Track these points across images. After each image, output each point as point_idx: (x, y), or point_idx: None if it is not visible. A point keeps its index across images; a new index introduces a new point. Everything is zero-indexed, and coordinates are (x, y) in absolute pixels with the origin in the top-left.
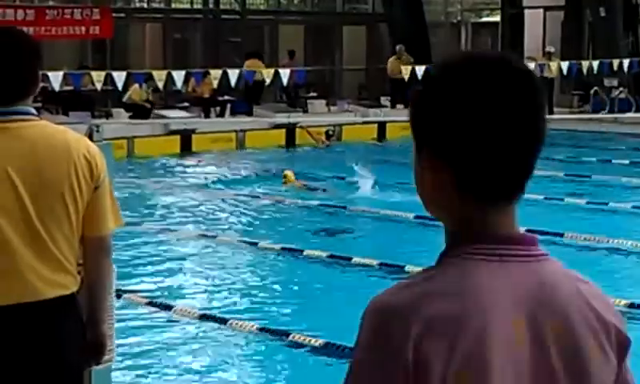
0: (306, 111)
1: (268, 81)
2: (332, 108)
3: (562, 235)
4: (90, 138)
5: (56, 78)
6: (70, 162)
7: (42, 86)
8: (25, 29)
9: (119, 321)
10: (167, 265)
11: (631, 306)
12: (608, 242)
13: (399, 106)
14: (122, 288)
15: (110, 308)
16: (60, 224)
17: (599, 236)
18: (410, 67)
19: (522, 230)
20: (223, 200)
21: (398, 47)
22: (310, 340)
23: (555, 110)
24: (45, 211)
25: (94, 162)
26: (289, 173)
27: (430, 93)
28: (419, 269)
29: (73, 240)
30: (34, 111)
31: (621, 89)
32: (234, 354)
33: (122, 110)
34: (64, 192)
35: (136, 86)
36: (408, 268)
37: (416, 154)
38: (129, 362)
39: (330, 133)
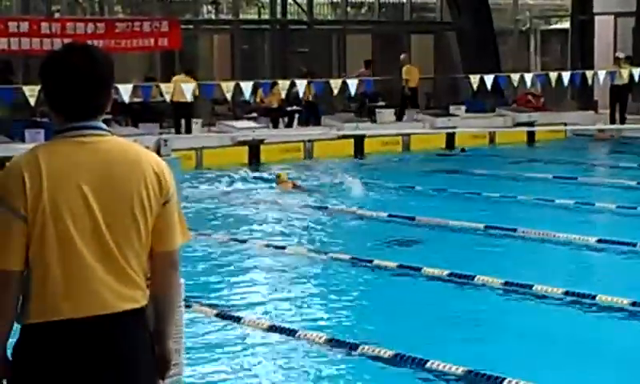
0: (374, 121)
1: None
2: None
3: (634, 245)
4: (158, 151)
5: (125, 90)
6: (141, 177)
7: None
8: (95, 42)
9: (188, 333)
10: (236, 275)
11: None
12: None
13: (469, 114)
14: (191, 299)
15: (177, 322)
16: (130, 238)
17: None
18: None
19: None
20: (292, 210)
21: (402, 56)
22: (379, 351)
23: (628, 117)
24: (116, 226)
25: (162, 177)
26: (282, 174)
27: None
28: (489, 278)
29: (142, 255)
30: (106, 127)
31: None
32: (303, 365)
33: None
34: (134, 207)
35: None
36: (478, 278)
37: None
38: (198, 375)
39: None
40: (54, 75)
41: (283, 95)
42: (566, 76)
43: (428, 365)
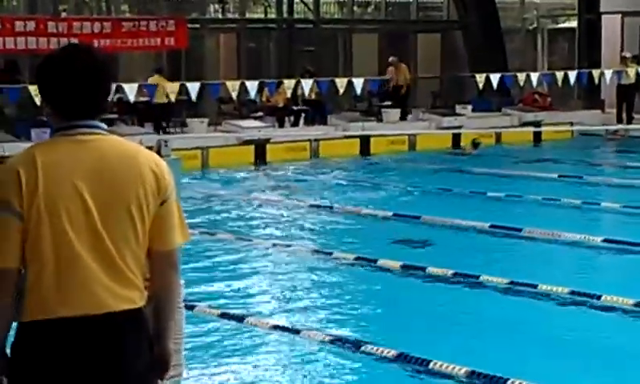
0: (380, 120)
1: (172, 97)
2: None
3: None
4: (159, 152)
5: (131, 89)
6: (138, 175)
7: (118, 96)
8: (102, 41)
9: (191, 333)
10: (240, 274)
11: None
12: None
13: (475, 113)
14: (194, 298)
15: (177, 323)
16: (127, 238)
17: None
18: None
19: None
20: (297, 209)
21: (390, 59)
22: (382, 351)
23: (635, 116)
24: (113, 225)
25: (161, 176)
26: None
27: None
28: (495, 278)
29: (140, 254)
30: (104, 126)
31: None
32: (307, 364)
33: (195, 120)
34: (131, 206)
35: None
36: (482, 277)
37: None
38: (200, 374)
39: (477, 141)
40: (53, 75)
41: (289, 94)
42: (572, 75)
43: (432, 365)
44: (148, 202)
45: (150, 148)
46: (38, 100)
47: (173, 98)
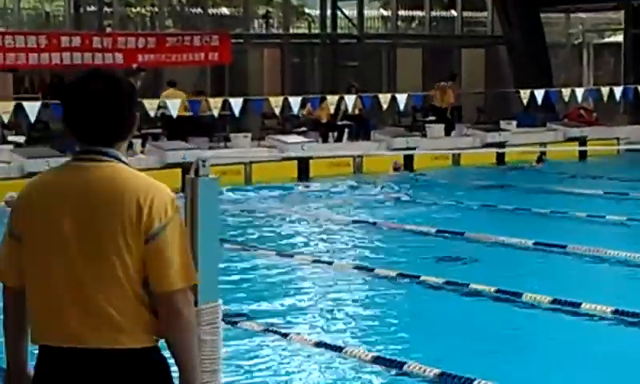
0: (424, 135)
1: (215, 112)
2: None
3: None
4: (197, 172)
5: (174, 105)
6: (120, 210)
7: (162, 111)
8: (146, 56)
9: (234, 348)
10: (283, 291)
11: None
12: None
13: (520, 129)
14: (238, 313)
15: (213, 343)
16: (108, 275)
17: None
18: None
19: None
20: (340, 225)
21: (442, 83)
22: (425, 369)
23: None
24: (93, 260)
25: (146, 213)
26: None
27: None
28: (538, 296)
29: (129, 292)
30: (114, 153)
31: None
32: (349, 382)
33: (239, 135)
34: (113, 241)
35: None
36: (525, 296)
37: None
38: None
39: (542, 156)
40: (67, 98)
41: (332, 109)
42: (618, 90)
43: None
44: (126, 238)
45: (189, 166)
46: None
47: (216, 113)
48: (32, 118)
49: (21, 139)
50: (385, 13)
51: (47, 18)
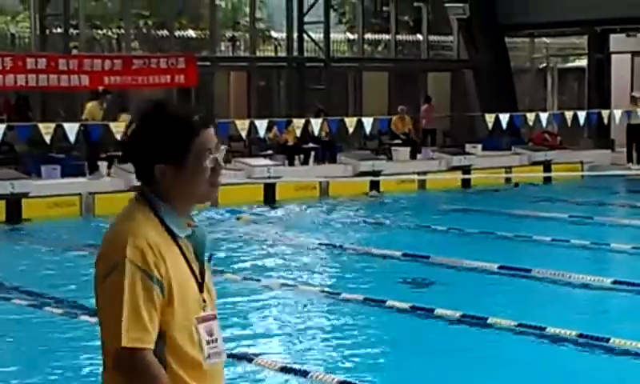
0: (390, 159)
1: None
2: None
3: None
4: None
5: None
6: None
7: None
8: (112, 78)
9: None
10: (248, 315)
11: None
12: None
13: (485, 152)
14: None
15: None
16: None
17: None
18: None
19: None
20: (306, 249)
21: (400, 108)
22: None
23: None
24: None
25: (97, 259)
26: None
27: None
28: (503, 320)
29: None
30: (142, 194)
31: None
32: None
33: None
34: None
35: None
36: (491, 320)
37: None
38: None
39: (517, 183)
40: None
41: (299, 133)
42: (582, 115)
43: None
44: (95, 283)
45: None
46: (47, 138)
47: None
48: None
49: None
50: (351, 36)
51: (13, 39)
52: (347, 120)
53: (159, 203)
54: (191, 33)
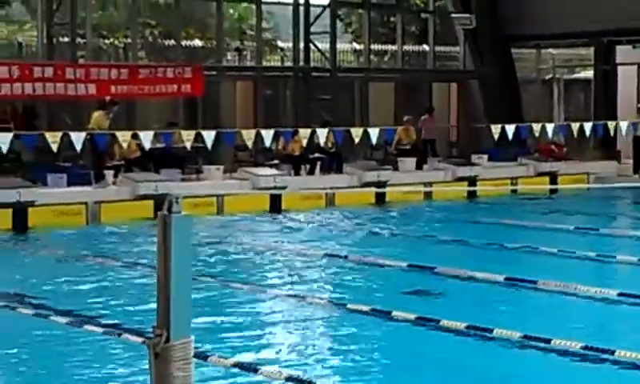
0: (396, 169)
1: (187, 145)
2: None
3: None
4: (169, 209)
5: (147, 136)
6: None
7: (136, 143)
8: (118, 87)
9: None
10: (253, 325)
11: None
12: None
13: (491, 163)
14: (208, 349)
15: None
16: None
17: None
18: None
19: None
20: (311, 259)
21: (406, 118)
22: None
23: None
24: None
25: None
26: None
27: None
28: (508, 332)
29: None
30: None
31: None
32: None
33: (211, 167)
34: None
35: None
36: (496, 331)
37: None
38: None
39: None
40: None
41: (305, 143)
42: (588, 126)
43: None
44: None
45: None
46: (54, 147)
47: (189, 145)
48: (4, 149)
49: None
50: (357, 47)
51: (20, 48)
52: (353, 130)
53: None
54: (198, 42)
